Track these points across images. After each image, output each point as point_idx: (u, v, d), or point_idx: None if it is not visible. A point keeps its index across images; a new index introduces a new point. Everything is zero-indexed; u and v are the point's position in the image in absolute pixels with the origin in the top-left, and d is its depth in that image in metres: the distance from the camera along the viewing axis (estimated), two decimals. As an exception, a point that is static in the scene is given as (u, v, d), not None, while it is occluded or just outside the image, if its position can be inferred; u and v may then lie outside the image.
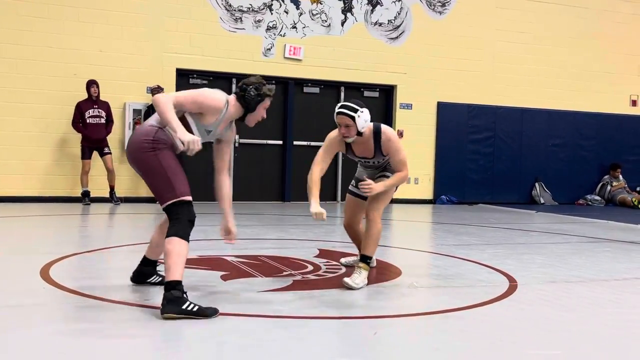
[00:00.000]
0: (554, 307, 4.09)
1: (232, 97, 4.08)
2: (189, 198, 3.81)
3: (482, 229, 8.24)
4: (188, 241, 3.66)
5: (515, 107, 12.56)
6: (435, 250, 6.30)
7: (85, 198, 9.51)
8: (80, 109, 9.46)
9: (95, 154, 9.56)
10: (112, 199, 9.66)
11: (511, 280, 4.83)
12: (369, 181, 4.47)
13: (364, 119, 4.53)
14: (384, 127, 4.65)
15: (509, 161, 12.58)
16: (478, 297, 4.20)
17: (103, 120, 9.51)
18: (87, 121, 9.42)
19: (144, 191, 10.13)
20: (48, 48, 9.70)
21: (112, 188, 9.68)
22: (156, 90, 9.73)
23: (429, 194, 12.18)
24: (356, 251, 5.27)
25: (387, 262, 5.52)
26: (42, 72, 9.69)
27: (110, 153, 9.58)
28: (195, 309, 3.46)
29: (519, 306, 4.07)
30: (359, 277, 4.42)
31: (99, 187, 9.85)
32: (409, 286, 4.52)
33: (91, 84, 9.49)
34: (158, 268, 4.31)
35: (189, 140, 3.58)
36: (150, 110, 9.78)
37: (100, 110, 9.52)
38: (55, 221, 7.85)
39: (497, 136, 12.50)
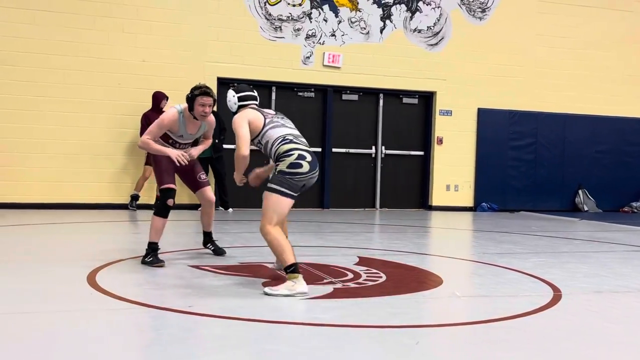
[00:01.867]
0: (599, 318, 4.00)
1: (186, 105, 5.29)
2: (168, 186, 5.31)
3: (525, 237, 8.11)
4: (162, 216, 5.34)
5: (557, 113, 12.35)
6: (477, 259, 6.22)
7: (133, 202, 9.70)
8: (147, 119, 9.64)
9: None
10: (131, 205, 9.84)
11: (555, 290, 4.74)
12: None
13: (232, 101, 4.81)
14: None
15: (551, 168, 12.36)
16: (522, 307, 4.13)
17: None
18: None
19: (187, 198, 10.27)
20: (93, 59, 9.93)
21: (157, 198, 9.75)
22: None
23: (469, 201, 12.05)
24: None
25: (427, 270, 5.48)
26: (88, 82, 9.92)
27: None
28: (148, 259, 5.18)
29: (563, 317, 3.99)
30: (282, 286, 4.28)
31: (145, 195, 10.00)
32: (451, 295, 4.47)
33: (164, 96, 9.62)
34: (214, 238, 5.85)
35: (176, 155, 5.15)
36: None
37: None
38: (105, 228, 8.01)
39: (539, 142, 12.30)
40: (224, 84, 10.76)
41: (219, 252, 5.77)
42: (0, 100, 9.59)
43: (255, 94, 4.93)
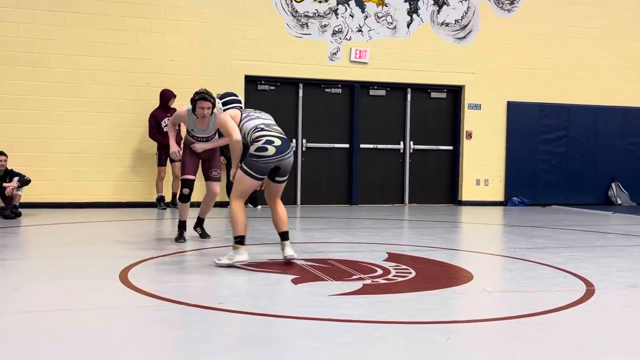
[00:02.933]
0: (634, 312, 3.93)
1: None
2: (185, 177, 6.40)
3: (556, 231, 8.01)
4: (183, 202, 6.44)
5: (589, 105, 12.14)
6: (508, 254, 6.16)
7: (161, 203, 9.80)
8: (155, 117, 9.75)
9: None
10: (173, 204, 9.83)
11: (588, 284, 4.67)
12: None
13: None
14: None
15: (583, 161, 12.17)
16: (554, 302, 4.08)
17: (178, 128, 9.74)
18: (164, 130, 9.68)
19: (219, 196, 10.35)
20: (122, 59, 10.05)
21: (174, 195, 9.82)
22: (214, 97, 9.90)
23: (499, 196, 11.93)
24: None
25: (458, 265, 5.45)
26: (117, 82, 10.05)
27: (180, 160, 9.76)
28: (176, 236, 6.35)
29: (597, 312, 3.93)
30: (224, 256, 5.12)
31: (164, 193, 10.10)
32: (482, 291, 4.44)
33: (173, 95, 9.74)
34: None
35: (172, 150, 6.44)
36: None
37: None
38: (132, 226, 8.12)
39: (571, 135, 12.12)
40: (252, 81, 10.82)
41: (204, 236, 6.67)
42: (34, 101, 9.77)
43: (239, 98, 5.74)
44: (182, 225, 6.51)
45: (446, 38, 11.55)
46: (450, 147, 11.93)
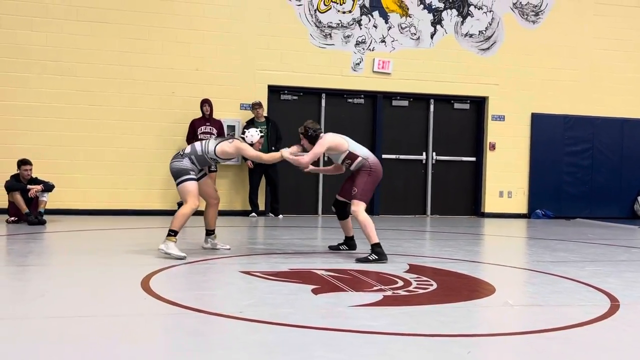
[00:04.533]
0: (661, 329, 3.85)
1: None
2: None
3: (581, 245, 7.91)
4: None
5: (615, 117, 12.01)
6: (531, 267, 6.10)
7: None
8: (193, 125, 9.87)
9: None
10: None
11: (613, 299, 4.59)
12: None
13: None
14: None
15: (608, 174, 12.02)
16: (577, 317, 4.02)
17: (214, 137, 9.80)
18: (199, 137, 9.75)
19: (240, 204, 10.45)
20: (146, 67, 10.17)
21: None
22: (257, 105, 10.04)
23: (523, 208, 11.82)
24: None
25: (479, 278, 5.40)
26: (142, 91, 10.16)
27: (215, 170, 9.89)
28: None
29: (622, 327, 3.86)
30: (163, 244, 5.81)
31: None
32: (504, 304, 4.39)
33: (203, 102, 9.89)
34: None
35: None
36: (249, 125, 10.02)
37: (212, 127, 9.89)
38: (156, 234, 8.18)
39: (596, 148, 11.98)
40: (274, 91, 10.87)
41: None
42: (61, 109, 9.92)
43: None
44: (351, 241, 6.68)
45: (470, 49, 11.51)
46: (473, 159, 11.86)
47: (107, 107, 10.06)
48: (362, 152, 6.30)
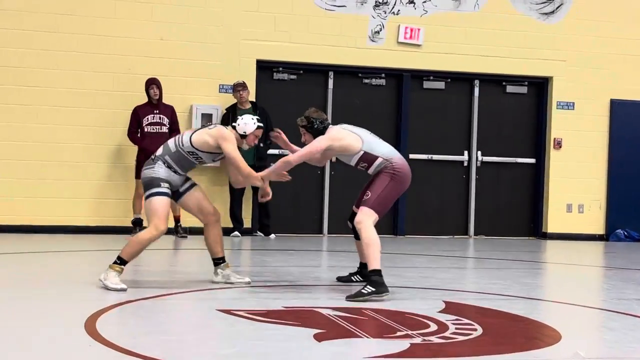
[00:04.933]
0: None
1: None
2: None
3: (677, 277, 7.90)
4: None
5: None
6: (609, 306, 6.08)
7: (137, 228, 9.85)
8: (137, 115, 9.85)
9: None
10: (177, 231, 9.93)
11: None
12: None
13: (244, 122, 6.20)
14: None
15: None
16: (672, 375, 4.02)
17: (165, 129, 9.81)
18: (145, 130, 9.78)
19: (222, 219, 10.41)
20: (94, 36, 10.20)
21: (176, 219, 9.92)
22: (240, 86, 10.03)
23: (599, 228, 11.80)
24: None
25: (540, 321, 5.39)
26: (87, 66, 10.19)
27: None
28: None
29: None
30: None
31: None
32: (573, 356, 4.39)
33: (150, 83, 9.86)
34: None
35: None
36: (229, 115, 10.04)
37: (162, 116, 9.87)
38: (104, 257, 8.17)
39: (699, 146, 11.97)
40: (266, 68, 10.89)
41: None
42: (-22, 91, 9.96)
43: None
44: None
45: (528, 13, 11.52)
46: (533, 160, 11.86)
47: (41, 89, 10.09)
48: (383, 150, 6.23)
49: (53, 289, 6.03)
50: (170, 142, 6.19)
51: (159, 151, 6.16)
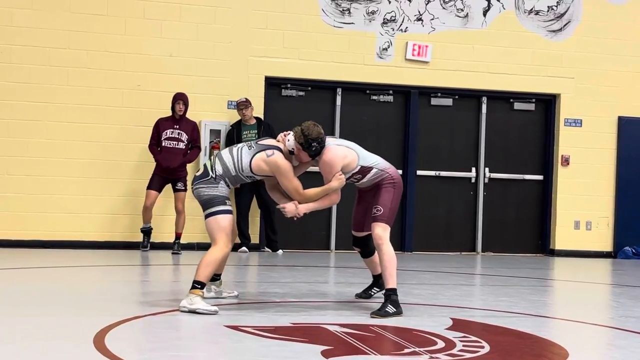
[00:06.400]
0: None
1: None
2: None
3: (685, 295, 7.88)
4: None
5: None
6: (617, 324, 6.07)
7: (145, 239, 9.86)
8: (158, 127, 9.87)
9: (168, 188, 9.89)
10: (173, 247, 9.92)
11: None
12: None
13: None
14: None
15: None
16: (680, 394, 4.00)
17: (182, 145, 9.83)
18: (163, 144, 9.80)
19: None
20: (104, 53, 10.25)
21: (177, 236, 9.93)
22: (242, 105, 10.05)
23: (607, 245, 11.76)
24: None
25: (547, 339, 5.38)
26: (97, 83, 10.24)
27: (184, 190, 9.82)
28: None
29: None
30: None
31: (168, 230, 10.18)
32: (580, 374, 4.38)
33: (177, 99, 9.89)
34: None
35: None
36: (234, 131, 10.07)
37: (181, 132, 9.87)
38: (111, 273, 8.20)
39: None
40: (274, 85, 10.93)
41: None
42: (-11, 106, 10.01)
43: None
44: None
45: (536, 30, 11.54)
46: (540, 177, 11.85)
47: (52, 105, 10.14)
48: (376, 160, 6.26)
49: (62, 304, 6.05)
50: (229, 164, 5.96)
51: (219, 170, 5.95)
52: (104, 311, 5.71)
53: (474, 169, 11.67)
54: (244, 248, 10.31)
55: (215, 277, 6.38)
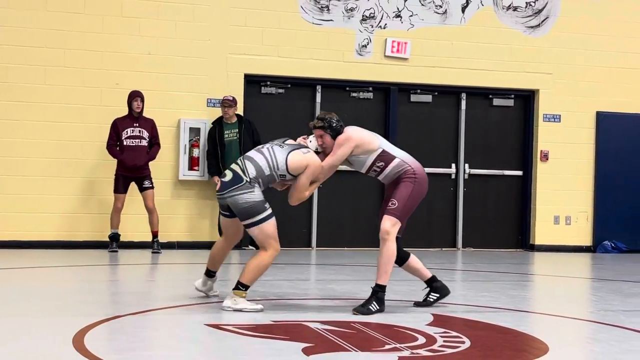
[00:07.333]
0: None
1: None
2: None
3: (664, 288, 7.93)
4: None
5: None
6: (596, 318, 6.11)
7: (113, 243, 9.76)
8: (116, 127, 9.78)
9: (134, 187, 9.80)
10: (152, 246, 9.85)
11: None
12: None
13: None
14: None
15: (702, 193, 12.05)
16: (659, 386, 4.03)
17: (145, 143, 9.80)
18: (124, 143, 9.73)
19: (206, 233, 10.42)
20: (82, 51, 10.19)
21: (154, 235, 9.86)
22: (226, 103, 10.02)
23: (586, 239, 11.83)
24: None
25: (527, 333, 5.40)
26: (76, 81, 10.17)
27: (151, 187, 9.75)
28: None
29: None
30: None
31: (136, 229, 10.13)
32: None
33: (135, 96, 9.82)
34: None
35: None
36: (216, 129, 10.04)
37: (142, 129, 9.82)
38: (84, 273, 8.16)
39: (685, 158, 12.03)
40: (254, 82, 10.91)
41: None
42: (-35, 106, 9.93)
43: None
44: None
45: (514, 27, 11.58)
46: (520, 173, 11.89)
47: (29, 104, 10.07)
48: (399, 152, 6.17)
49: (37, 305, 6.00)
50: (262, 163, 5.84)
51: (252, 172, 5.80)
52: (82, 311, 5.68)
53: (453, 165, 11.70)
54: None
55: (212, 274, 6.30)
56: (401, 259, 6.24)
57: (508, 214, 11.87)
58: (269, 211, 5.82)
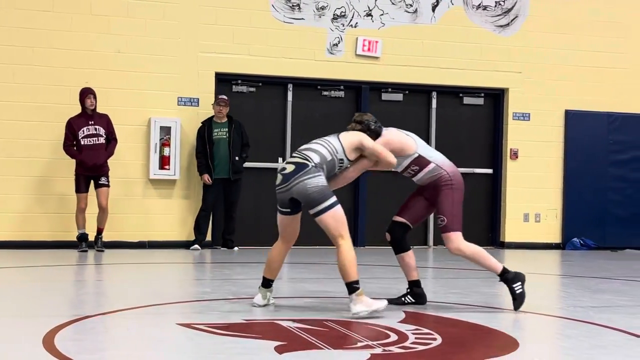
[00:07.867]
0: None
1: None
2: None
3: (632, 284, 7.99)
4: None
5: (674, 115, 12.23)
6: (565, 314, 6.16)
7: (82, 243, 9.63)
8: (72, 127, 9.64)
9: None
10: (96, 243, 9.74)
11: (674, 356, 4.67)
12: None
13: None
14: None
15: (668, 190, 12.20)
16: (627, 380, 4.08)
17: (102, 140, 9.68)
18: (82, 143, 9.60)
19: (179, 232, 10.38)
20: (50, 49, 10.10)
21: (99, 231, 9.76)
22: (223, 101, 10.03)
23: (555, 236, 11.93)
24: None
25: (498, 329, 5.44)
26: (44, 80, 10.08)
27: (107, 185, 9.65)
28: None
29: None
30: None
31: (123, 229, 10.08)
32: (530, 364, 4.44)
33: (87, 93, 9.66)
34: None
35: None
36: (205, 128, 10.03)
37: (97, 127, 9.70)
38: (50, 273, 8.09)
39: (651, 156, 12.18)
40: (225, 81, 10.88)
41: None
42: None
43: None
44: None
45: (484, 26, 11.65)
46: (490, 171, 11.97)
47: (-4, 102, 9.99)
48: (436, 156, 6.19)
49: (3, 306, 5.95)
50: (322, 150, 5.81)
51: (316, 159, 5.74)
52: (51, 312, 5.63)
53: (424, 164, 11.72)
54: (196, 245, 10.23)
55: (270, 283, 6.00)
56: (400, 248, 6.38)
57: (478, 211, 11.94)
58: (336, 198, 5.73)
